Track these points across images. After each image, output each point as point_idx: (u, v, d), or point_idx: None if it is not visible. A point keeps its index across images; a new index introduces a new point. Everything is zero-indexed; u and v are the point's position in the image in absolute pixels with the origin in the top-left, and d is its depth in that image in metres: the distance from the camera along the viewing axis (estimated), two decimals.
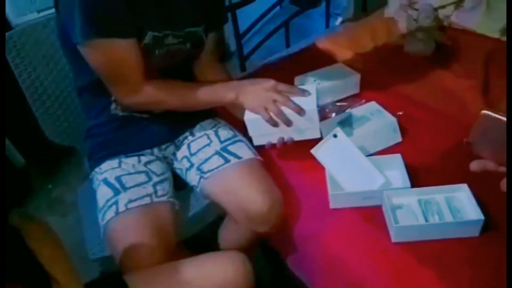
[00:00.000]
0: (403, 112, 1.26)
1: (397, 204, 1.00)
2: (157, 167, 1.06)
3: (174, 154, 1.12)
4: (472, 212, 0.94)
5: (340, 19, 2.05)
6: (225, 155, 1.04)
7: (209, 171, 1.03)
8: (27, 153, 1.83)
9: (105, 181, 0.99)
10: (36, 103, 1.14)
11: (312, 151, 1.08)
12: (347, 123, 1.18)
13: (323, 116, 1.25)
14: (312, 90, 1.07)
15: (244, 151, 1.06)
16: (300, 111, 0.98)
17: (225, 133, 1.12)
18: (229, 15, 1.63)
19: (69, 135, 1.22)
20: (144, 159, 1.05)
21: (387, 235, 0.96)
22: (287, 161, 1.19)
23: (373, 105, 1.24)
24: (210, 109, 1.17)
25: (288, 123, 1.00)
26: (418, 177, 1.06)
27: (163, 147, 1.10)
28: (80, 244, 1.08)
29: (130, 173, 1.00)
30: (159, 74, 1.00)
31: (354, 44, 1.64)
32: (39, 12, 1.51)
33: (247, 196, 0.96)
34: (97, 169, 1.03)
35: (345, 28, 1.85)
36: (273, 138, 1.05)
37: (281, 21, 2.00)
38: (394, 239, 0.95)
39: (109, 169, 1.01)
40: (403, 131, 1.20)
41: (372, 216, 1.01)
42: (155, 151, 1.09)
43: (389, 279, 0.90)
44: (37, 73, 1.12)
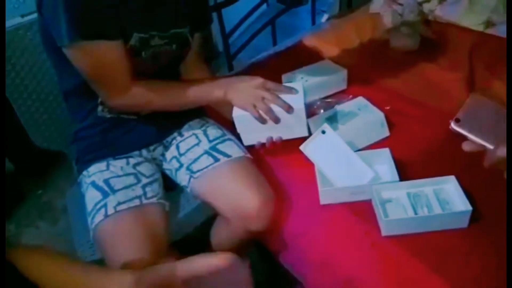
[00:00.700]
0: (390, 107, 1.27)
1: (387, 198, 1.01)
2: (146, 168, 1.05)
3: (163, 155, 1.12)
4: (460, 203, 0.95)
5: (326, 16, 2.06)
6: (215, 154, 1.04)
7: (199, 170, 1.03)
8: (16, 159, 1.80)
9: (93, 184, 0.98)
10: (21, 108, 1.13)
11: (301, 147, 1.08)
12: (335, 119, 1.19)
13: (311, 113, 1.25)
14: (299, 88, 1.07)
15: (234, 150, 1.05)
16: (289, 109, 0.99)
17: (213, 132, 1.12)
18: (214, 14, 1.63)
19: (56, 139, 1.21)
20: (132, 161, 1.04)
21: (378, 229, 0.97)
22: (276, 158, 1.19)
23: (360, 100, 1.25)
24: (198, 108, 1.17)
25: (277, 120, 1.00)
26: (407, 171, 1.07)
27: (151, 148, 1.09)
28: (71, 248, 1.07)
29: (119, 176, 0.99)
30: (146, 76, 1.00)
31: (341, 40, 1.65)
32: (23, 16, 1.49)
33: (238, 194, 0.96)
34: (85, 172, 1.02)
35: (331, 25, 1.85)
36: (261, 136, 1.05)
37: (267, 19, 2.00)
38: (384, 232, 0.96)
39: (97, 172, 1.00)
40: (390, 125, 1.21)
41: (362, 211, 1.02)
42: (144, 152, 1.08)
43: (381, 272, 0.91)
44: (21, 78, 1.11)
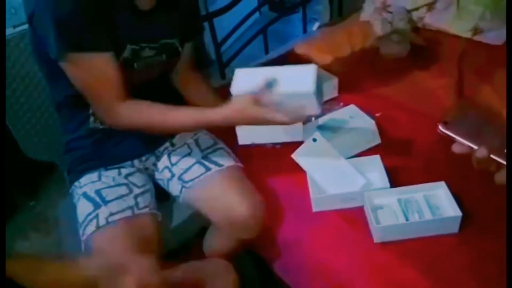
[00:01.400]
0: (381, 113, 1.28)
1: (378, 205, 1.02)
2: (138, 179, 1.05)
3: (155, 165, 1.12)
4: (450, 209, 0.96)
5: (317, 24, 2.08)
6: (206, 163, 1.04)
7: (191, 180, 1.03)
8: (7, 169, 1.79)
9: (85, 195, 0.98)
10: (12, 119, 1.13)
11: (293, 155, 1.09)
12: (326, 127, 1.20)
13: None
14: (310, 72, 0.98)
15: (225, 159, 1.06)
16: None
17: (205, 142, 1.12)
18: (206, 23, 1.64)
19: (47, 150, 1.21)
20: (124, 171, 1.04)
21: (370, 235, 0.98)
22: (268, 167, 1.19)
23: (352, 108, 1.26)
24: None
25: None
26: (397, 177, 1.07)
27: (143, 158, 1.09)
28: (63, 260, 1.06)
29: (111, 186, 0.99)
30: (138, 89, 0.99)
31: (332, 48, 1.66)
32: (14, 27, 1.49)
33: (229, 203, 0.97)
34: (77, 183, 1.02)
35: (322, 33, 1.87)
36: (257, 137, 1.04)
37: (260, 27, 2.02)
38: (376, 239, 0.97)
39: (88, 182, 1.00)
40: (381, 131, 1.22)
41: (354, 218, 1.03)
42: (136, 162, 1.08)
43: (373, 279, 0.91)
44: (13, 89, 1.11)
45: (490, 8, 1.61)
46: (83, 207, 0.96)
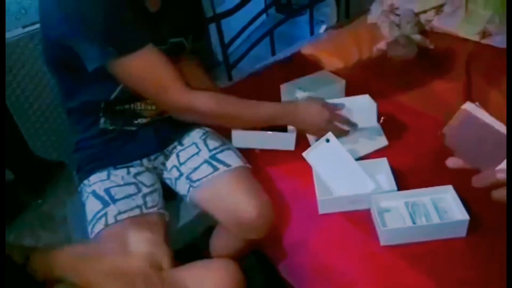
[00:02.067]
0: (385, 117, 1.28)
1: (385, 208, 1.01)
2: (146, 178, 1.06)
3: (163, 164, 1.12)
4: (458, 212, 0.96)
5: (324, 27, 2.08)
6: (214, 163, 1.05)
7: (198, 180, 1.04)
8: (16, 168, 1.81)
9: (94, 193, 0.99)
10: (21, 118, 1.14)
11: (304, 154, 1.09)
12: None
13: None
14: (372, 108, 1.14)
15: (233, 159, 1.06)
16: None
17: (213, 142, 1.12)
18: (214, 25, 1.65)
19: (56, 149, 1.21)
20: (133, 170, 1.05)
21: (376, 238, 0.98)
22: (275, 168, 1.20)
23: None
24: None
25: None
26: (405, 180, 1.07)
27: (152, 157, 1.10)
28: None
29: (119, 185, 1.00)
30: None
31: (339, 50, 1.67)
32: (24, 27, 1.51)
33: (236, 203, 0.97)
34: (86, 182, 1.03)
35: (329, 35, 1.87)
36: (252, 143, 1.06)
37: (267, 29, 2.02)
38: (382, 242, 0.96)
39: (97, 181, 1.01)
40: (388, 134, 1.22)
41: (360, 220, 1.02)
42: (145, 162, 1.09)
43: (379, 282, 0.91)
44: (22, 88, 1.12)
45: (499, 11, 1.60)
46: (92, 205, 0.97)
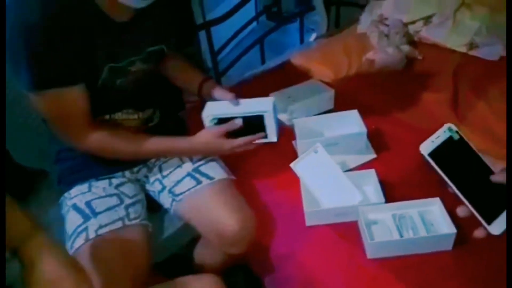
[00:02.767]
0: (376, 127, 1.28)
1: (372, 220, 1.01)
2: (129, 189, 1.03)
3: (146, 177, 1.10)
4: (444, 225, 0.95)
5: (314, 35, 2.08)
6: (197, 176, 1.03)
7: (181, 193, 1.02)
8: None
9: (75, 206, 0.96)
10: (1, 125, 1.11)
11: (292, 165, 1.09)
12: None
13: None
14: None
15: (216, 172, 1.05)
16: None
17: None
18: (203, 32, 1.63)
19: (38, 157, 1.18)
20: (115, 181, 1.03)
21: (363, 251, 0.97)
22: (261, 179, 1.19)
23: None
24: (183, 130, 1.16)
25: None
26: (392, 192, 1.07)
27: (135, 169, 1.07)
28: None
29: (101, 197, 0.97)
30: (127, 98, 0.98)
31: (328, 60, 1.66)
32: None
33: (218, 217, 0.95)
34: (66, 194, 1.00)
35: (319, 44, 1.87)
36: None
37: (257, 36, 2.01)
38: (369, 255, 0.96)
39: (78, 194, 0.98)
40: (377, 145, 1.22)
41: (347, 232, 1.02)
42: (127, 173, 1.06)
43: None
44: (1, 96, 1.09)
45: (486, 23, 1.62)
46: (72, 219, 0.94)
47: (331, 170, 1.07)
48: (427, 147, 0.62)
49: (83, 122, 0.90)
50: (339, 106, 1.39)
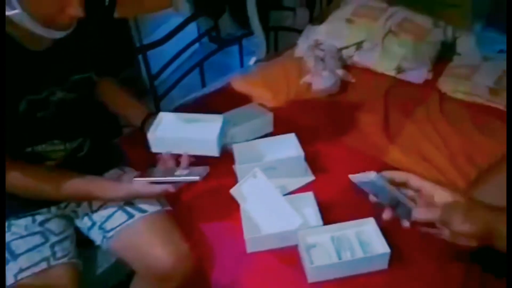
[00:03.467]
0: (314, 149, 1.30)
1: (312, 243, 1.01)
2: (56, 225, 0.96)
3: (75, 212, 1.03)
4: (379, 245, 0.98)
5: (254, 59, 2.12)
6: (129, 210, 0.98)
7: (112, 229, 0.96)
8: None
9: None
10: None
11: (231, 191, 1.08)
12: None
13: None
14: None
15: (150, 204, 1.00)
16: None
17: None
18: (140, 57, 1.60)
19: None
20: (39, 218, 0.95)
21: (304, 275, 0.97)
22: (201, 206, 1.16)
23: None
24: (118, 158, 1.11)
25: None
26: (330, 213, 1.09)
27: (62, 205, 1.00)
28: None
29: (22, 236, 0.89)
30: (51, 129, 0.92)
31: (268, 83, 1.69)
32: None
33: (150, 252, 0.91)
34: None
35: (259, 68, 1.91)
36: (173, 148, 0.99)
37: (200, 58, 2.02)
38: (310, 279, 0.96)
39: None
40: (315, 168, 1.24)
41: (289, 257, 1.01)
42: (53, 209, 0.99)
43: None
44: None
45: (411, 49, 1.74)
46: None
47: (270, 194, 1.07)
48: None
49: None
50: (279, 129, 1.40)
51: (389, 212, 0.69)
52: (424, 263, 0.99)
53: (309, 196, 1.10)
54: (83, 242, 1.03)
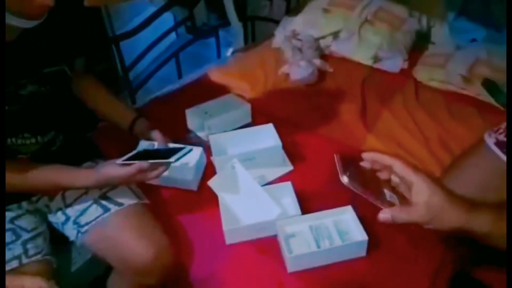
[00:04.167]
0: (291, 139, 1.30)
1: (290, 233, 1.02)
2: (27, 222, 0.92)
3: (47, 206, 1.00)
4: (357, 233, 0.99)
5: (231, 50, 2.09)
6: (105, 203, 0.95)
7: (87, 223, 0.93)
8: None
9: None
10: None
11: (209, 182, 1.06)
12: None
13: None
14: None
15: (127, 196, 0.98)
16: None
17: None
18: (113, 47, 1.55)
19: None
20: (10, 214, 0.91)
21: (283, 265, 0.97)
22: (179, 199, 1.14)
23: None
24: (93, 152, 1.08)
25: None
26: (309, 203, 1.09)
27: (33, 199, 0.97)
28: None
29: None
30: (22, 123, 0.88)
31: (245, 74, 1.68)
32: None
33: (128, 246, 0.89)
34: None
35: (236, 59, 1.89)
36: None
37: (176, 49, 1.98)
38: (289, 269, 0.96)
39: None
40: (293, 157, 1.24)
41: (268, 248, 1.01)
42: (24, 204, 0.96)
43: None
44: None
45: (387, 38, 1.75)
46: None
47: (249, 185, 1.07)
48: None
49: None
50: (257, 119, 1.40)
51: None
52: (401, 249, 1.00)
53: (288, 186, 1.10)
54: (57, 238, 1.00)
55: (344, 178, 0.67)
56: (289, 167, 1.22)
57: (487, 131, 0.97)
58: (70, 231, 0.96)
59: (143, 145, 1.07)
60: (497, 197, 0.68)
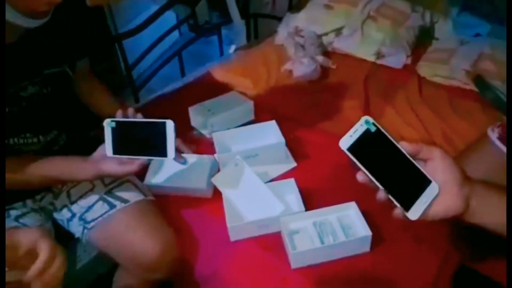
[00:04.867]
0: (294, 135, 1.30)
1: (294, 229, 1.02)
2: (32, 219, 0.93)
3: (52, 204, 1.00)
4: (361, 228, 0.99)
5: (233, 47, 2.09)
6: (110, 200, 0.96)
7: (93, 220, 0.94)
8: None
9: None
10: None
11: (213, 179, 1.07)
12: None
13: None
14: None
15: (132, 193, 0.98)
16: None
17: None
18: (116, 46, 1.56)
19: None
20: (14, 213, 0.92)
21: (287, 262, 0.97)
22: (182, 196, 1.14)
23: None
24: (94, 148, 1.08)
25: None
26: (312, 199, 1.09)
27: (38, 197, 0.97)
28: None
29: None
30: (23, 123, 0.88)
31: (247, 71, 1.68)
32: None
33: (135, 242, 0.90)
34: None
35: (238, 56, 1.88)
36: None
37: (179, 47, 1.98)
38: (293, 265, 0.96)
39: None
40: (297, 154, 1.24)
41: (272, 244, 1.01)
42: (29, 202, 0.96)
43: None
44: None
45: (390, 34, 1.75)
46: None
47: (252, 182, 1.07)
48: (346, 142, 0.62)
49: None
50: (259, 117, 1.40)
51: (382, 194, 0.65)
52: (405, 244, 1.00)
53: (291, 183, 1.10)
54: (62, 235, 1.01)
55: None
56: (292, 164, 1.22)
57: (489, 126, 0.97)
58: (75, 228, 0.97)
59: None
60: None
